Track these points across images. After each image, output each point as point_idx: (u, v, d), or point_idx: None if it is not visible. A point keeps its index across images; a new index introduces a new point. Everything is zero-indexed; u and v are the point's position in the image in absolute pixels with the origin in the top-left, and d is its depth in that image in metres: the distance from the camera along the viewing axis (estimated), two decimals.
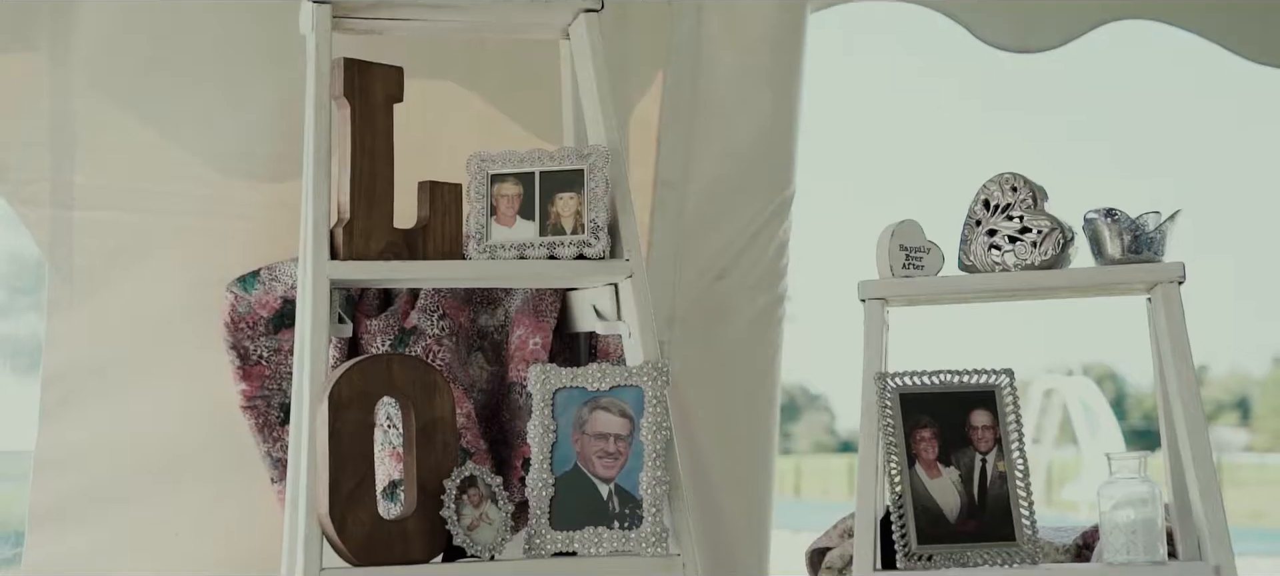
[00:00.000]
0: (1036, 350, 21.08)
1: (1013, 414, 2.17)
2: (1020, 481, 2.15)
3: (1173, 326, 2.09)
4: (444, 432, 2.09)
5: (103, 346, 2.32)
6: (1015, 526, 2.13)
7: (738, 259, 2.82)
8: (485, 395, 2.47)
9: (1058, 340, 23.97)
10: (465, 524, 2.07)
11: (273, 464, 2.37)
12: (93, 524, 2.31)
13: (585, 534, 2.10)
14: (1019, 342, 3.64)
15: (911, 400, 2.17)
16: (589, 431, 2.14)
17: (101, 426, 2.33)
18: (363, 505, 2.02)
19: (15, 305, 2.56)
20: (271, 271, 2.37)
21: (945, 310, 2.35)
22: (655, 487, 2.11)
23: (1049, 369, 18.37)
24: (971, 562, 2.10)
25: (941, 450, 2.16)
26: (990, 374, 2.19)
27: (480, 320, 2.49)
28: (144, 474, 2.35)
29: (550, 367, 2.17)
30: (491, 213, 2.22)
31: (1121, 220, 2.11)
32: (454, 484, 2.07)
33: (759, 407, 2.90)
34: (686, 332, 2.75)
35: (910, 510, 2.12)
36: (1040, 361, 18.67)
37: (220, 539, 2.39)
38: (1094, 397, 15.55)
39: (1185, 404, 2.06)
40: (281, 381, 2.38)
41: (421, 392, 2.09)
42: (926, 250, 2.21)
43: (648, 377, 2.15)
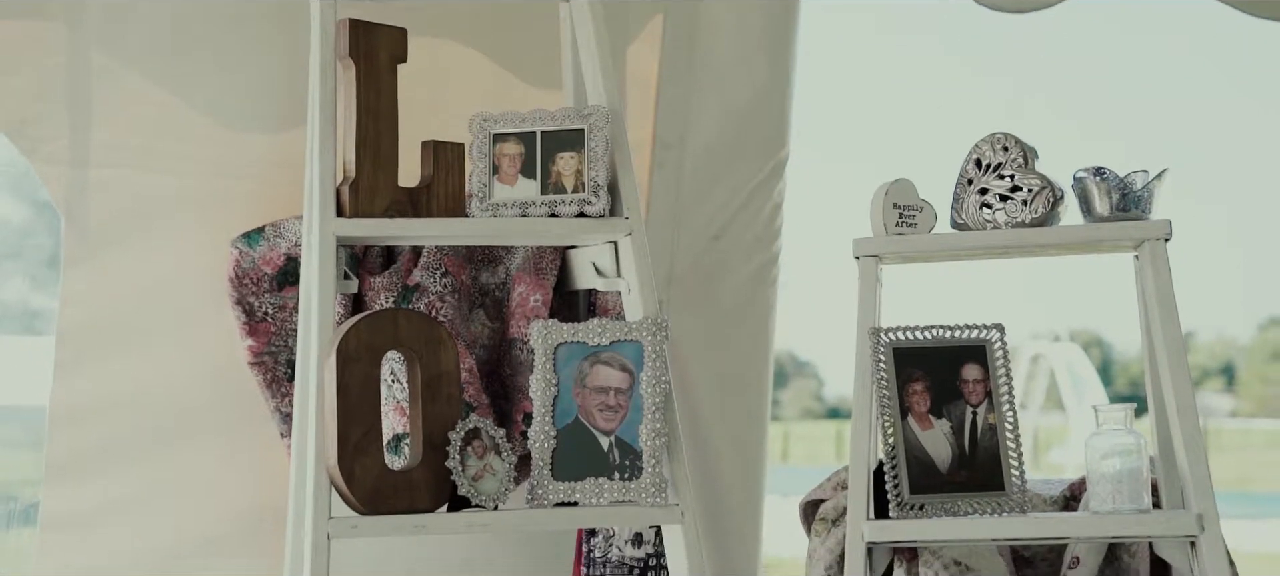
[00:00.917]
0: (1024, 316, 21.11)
1: (1003, 368, 2.22)
2: (1010, 433, 2.20)
3: (1159, 282, 2.14)
4: (449, 386, 2.14)
5: (117, 302, 2.36)
6: (1005, 476, 2.18)
7: (733, 219, 2.87)
8: (486, 351, 2.51)
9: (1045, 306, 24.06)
10: (470, 474, 2.12)
11: (281, 419, 2.41)
12: (107, 477, 2.35)
13: (586, 484, 2.15)
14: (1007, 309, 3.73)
15: (904, 354, 2.22)
16: (590, 385, 2.19)
17: (115, 381, 2.37)
18: (370, 455, 2.07)
19: (3, 271, 2.59)
20: (276, 228, 2.41)
21: (935, 275, 2.40)
22: (654, 439, 2.16)
23: (1036, 335, 18.47)
24: (962, 511, 2.16)
25: (933, 403, 2.21)
26: (981, 328, 2.24)
27: (481, 278, 2.54)
28: (157, 427, 2.39)
29: (552, 323, 2.21)
30: (494, 171, 2.26)
31: (1110, 178, 2.16)
32: (459, 435, 2.12)
33: (754, 365, 2.95)
34: (683, 292, 2.80)
35: (903, 460, 2.17)
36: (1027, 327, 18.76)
37: (231, 491, 2.43)
38: (1080, 363, 15.62)
39: (1170, 356, 2.11)
40: (287, 338, 2.42)
41: (427, 347, 2.14)
42: (919, 209, 2.26)
43: (647, 332, 2.20)
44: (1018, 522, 2.15)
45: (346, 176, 2.22)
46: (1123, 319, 32.94)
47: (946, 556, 2.31)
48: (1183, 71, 31.71)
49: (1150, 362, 2.25)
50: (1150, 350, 2.23)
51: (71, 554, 2.33)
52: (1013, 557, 2.41)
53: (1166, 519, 2.11)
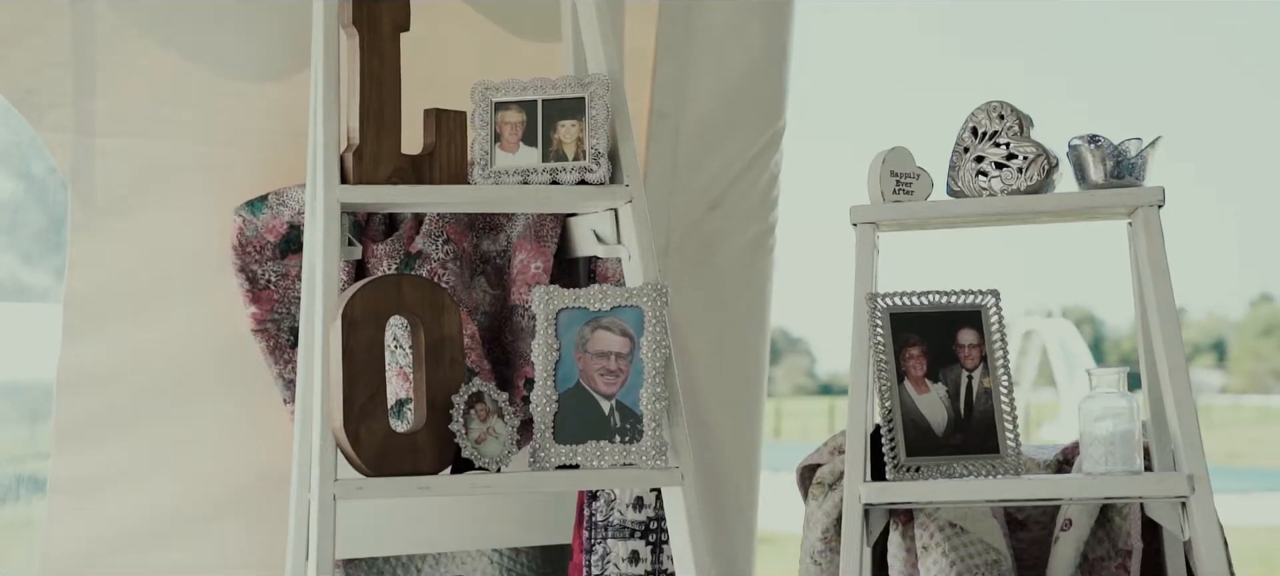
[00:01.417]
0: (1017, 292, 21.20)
1: (998, 333, 2.26)
2: (1005, 397, 2.23)
3: (1152, 248, 2.18)
4: (452, 350, 2.17)
5: (123, 270, 2.38)
6: (999, 440, 2.22)
7: (730, 189, 2.90)
8: (488, 318, 2.54)
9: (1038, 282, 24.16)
10: (473, 437, 2.15)
11: (284, 385, 2.44)
12: (114, 442, 2.37)
13: (588, 447, 2.19)
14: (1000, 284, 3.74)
15: (901, 319, 2.25)
16: (591, 350, 2.22)
17: (122, 348, 2.38)
18: (375, 419, 2.09)
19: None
20: (279, 196, 2.43)
21: (930, 249, 2.43)
22: (655, 403, 2.19)
23: (1029, 311, 18.52)
24: (957, 474, 2.19)
25: (929, 367, 2.24)
26: (977, 294, 2.27)
27: (483, 245, 2.56)
28: (162, 393, 2.41)
29: (553, 289, 2.24)
30: (495, 139, 2.29)
31: (1104, 146, 2.19)
32: (462, 399, 2.14)
33: (750, 334, 2.99)
34: (680, 261, 2.83)
35: (899, 424, 2.21)
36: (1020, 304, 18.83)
37: (235, 456, 2.46)
38: (1073, 339, 15.67)
39: (1163, 321, 2.15)
40: (290, 305, 2.44)
41: (430, 312, 2.16)
42: (916, 176, 2.29)
43: (647, 298, 2.23)
44: (1012, 484, 2.18)
45: (350, 144, 2.24)
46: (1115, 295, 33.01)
47: (942, 518, 2.35)
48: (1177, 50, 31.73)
49: (1143, 329, 2.28)
50: (1143, 316, 2.27)
51: (80, 518, 2.35)
52: (1006, 520, 2.45)
53: (1158, 480, 2.15)
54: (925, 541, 2.34)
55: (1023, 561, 2.44)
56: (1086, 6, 24.80)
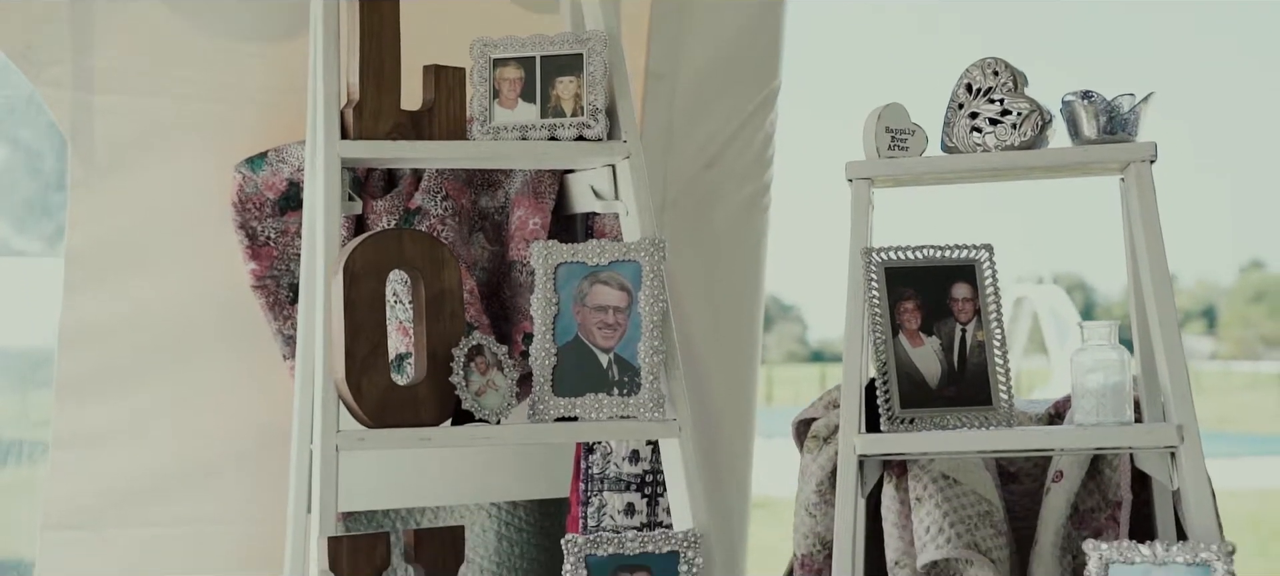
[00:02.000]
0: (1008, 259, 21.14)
1: (992, 287, 2.28)
2: (998, 350, 2.26)
3: (1144, 203, 2.20)
4: (452, 304, 2.19)
5: (123, 225, 2.39)
6: (992, 392, 2.25)
7: (725, 148, 2.91)
8: (486, 273, 2.56)
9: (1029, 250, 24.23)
10: (473, 390, 2.17)
11: (284, 341, 2.46)
12: (115, 396, 2.39)
13: (586, 400, 2.21)
14: None
15: (896, 273, 2.27)
16: (589, 304, 2.24)
17: (122, 303, 2.40)
18: (377, 371, 2.12)
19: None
20: (278, 153, 2.45)
21: (921, 216, 2.45)
22: (653, 356, 2.22)
23: (1020, 277, 18.57)
24: (951, 425, 2.22)
25: (924, 320, 2.27)
26: (971, 249, 2.29)
27: (481, 202, 2.58)
28: (162, 348, 2.43)
29: (552, 243, 2.26)
30: (494, 96, 2.30)
31: (1098, 102, 2.21)
32: (462, 352, 2.17)
33: (745, 292, 3.01)
34: (676, 219, 2.85)
35: (894, 376, 2.23)
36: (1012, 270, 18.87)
37: (235, 411, 2.48)
38: (1063, 306, 15.72)
39: (1154, 274, 2.17)
40: (289, 262, 2.46)
41: (430, 266, 2.18)
42: (911, 132, 2.31)
43: (645, 253, 2.25)
44: (1005, 435, 2.21)
45: (350, 99, 2.26)
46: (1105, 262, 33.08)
47: (935, 470, 2.38)
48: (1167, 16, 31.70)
49: (1134, 285, 2.31)
50: (1134, 272, 2.29)
51: (82, 472, 2.37)
52: (998, 472, 2.48)
53: (1148, 430, 2.18)
54: (919, 493, 2.38)
55: (1015, 513, 2.47)
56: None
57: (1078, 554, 2.38)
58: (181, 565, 2.44)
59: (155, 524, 2.43)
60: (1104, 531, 2.37)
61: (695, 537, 2.19)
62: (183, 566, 2.44)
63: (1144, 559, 2.04)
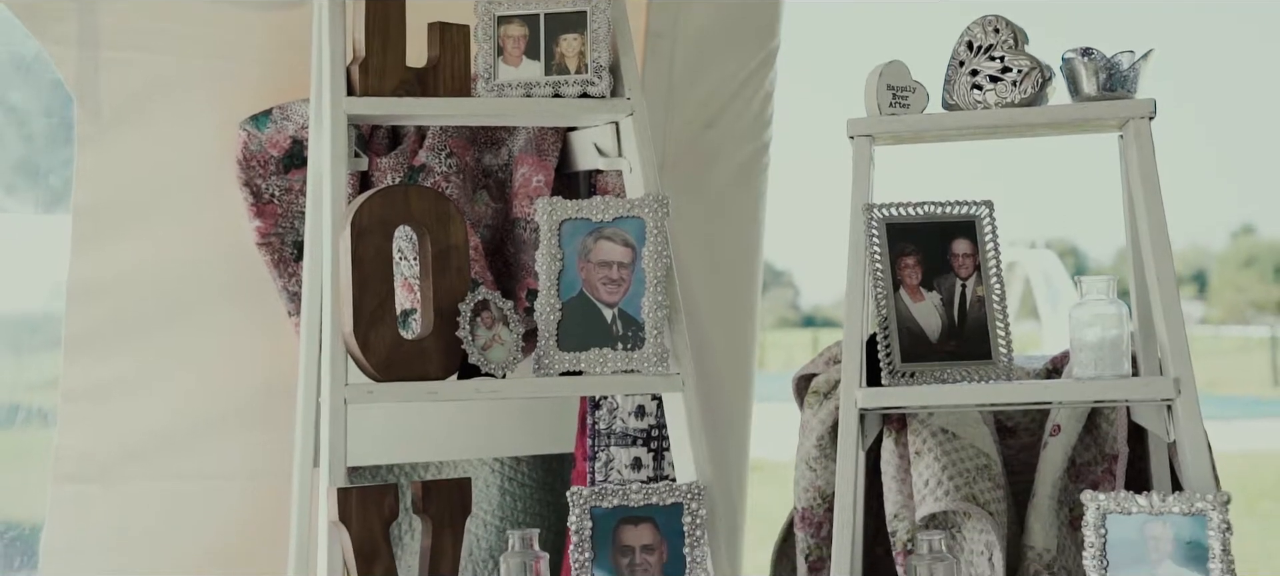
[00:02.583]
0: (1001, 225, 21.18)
1: (991, 242, 2.31)
2: (997, 305, 2.29)
3: (1143, 158, 2.22)
4: (458, 259, 2.21)
5: (129, 181, 2.41)
6: (992, 346, 2.28)
7: (725, 108, 2.93)
8: (490, 231, 2.58)
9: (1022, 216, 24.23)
10: (479, 344, 2.20)
11: (288, 298, 2.47)
12: (123, 351, 2.41)
13: (591, 354, 2.24)
14: None
15: (897, 229, 2.30)
16: (593, 259, 2.26)
17: (129, 258, 2.41)
18: (384, 325, 2.14)
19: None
20: (283, 111, 2.46)
21: (918, 177, 2.46)
22: (656, 311, 2.24)
23: (1012, 242, 18.59)
24: (951, 379, 2.25)
25: (924, 276, 2.29)
26: (971, 205, 2.32)
27: (485, 159, 2.60)
28: (169, 304, 2.45)
29: (557, 200, 2.28)
30: (499, 53, 2.32)
31: (1097, 58, 2.23)
32: (468, 306, 2.19)
33: (744, 250, 3.04)
34: (675, 179, 2.87)
35: (895, 331, 2.26)
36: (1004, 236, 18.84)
37: (240, 366, 2.50)
38: (1056, 270, 15.75)
39: (1152, 230, 2.20)
40: (293, 220, 2.48)
41: (436, 221, 2.20)
42: (912, 89, 2.33)
43: (649, 209, 2.27)
44: (1004, 389, 2.24)
45: (356, 56, 2.27)
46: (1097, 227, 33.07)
47: (934, 424, 2.41)
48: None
49: (1131, 240, 2.33)
50: (1132, 227, 2.32)
51: (90, 425, 2.39)
52: (996, 427, 2.52)
53: (1145, 383, 2.21)
54: (918, 446, 2.41)
55: (1012, 467, 2.50)
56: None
57: (1074, 506, 2.41)
58: (190, 518, 2.47)
59: (164, 477, 2.45)
60: (1100, 484, 2.40)
61: (698, 490, 2.22)
62: (191, 519, 2.47)
63: (1140, 509, 2.08)
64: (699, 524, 2.20)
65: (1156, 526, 2.06)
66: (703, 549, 2.20)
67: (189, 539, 2.46)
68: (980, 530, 2.38)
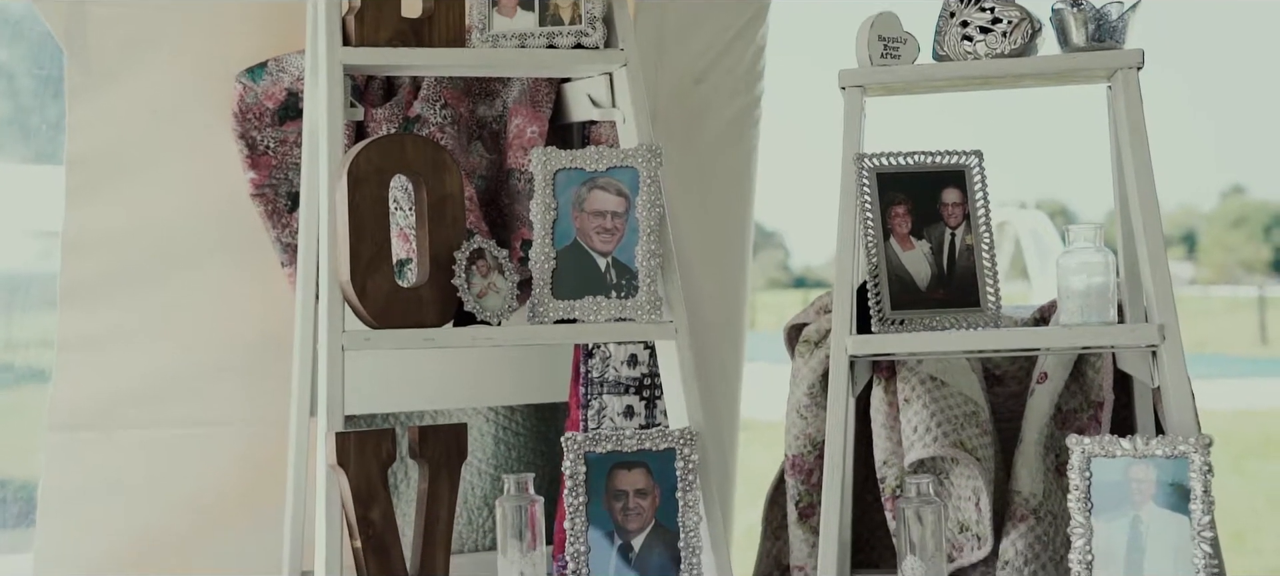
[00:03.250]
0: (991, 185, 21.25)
1: (981, 192, 2.33)
2: (986, 254, 2.32)
3: (1131, 109, 2.25)
4: (453, 208, 2.23)
5: (122, 133, 2.42)
6: (980, 294, 2.31)
7: (716, 62, 2.94)
8: (485, 182, 2.60)
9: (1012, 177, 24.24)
10: (475, 292, 2.22)
11: (282, 249, 2.49)
12: (119, 300, 2.43)
13: (585, 303, 2.26)
14: None
15: (887, 179, 2.32)
16: (587, 209, 2.29)
17: (123, 209, 2.43)
18: (381, 272, 2.16)
19: None
20: (278, 63, 2.47)
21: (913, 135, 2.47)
22: (650, 260, 2.27)
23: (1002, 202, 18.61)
24: (940, 326, 2.28)
25: (914, 225, 2.32)
26: (961, 155, 2.34)
27: (479, 110, 2.61)
28: (164, 254, 2.47)
29: (551, 150, 2.30)
30: (493, 4, 2.33)
31: (1086, 9, 2.25)
32: (464, 255, 2.21)
33: (736, 205, 3.06)
34: (667, 133, 2.88)
35: (885, 279, 2.29)
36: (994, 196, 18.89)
37: (236, 317, 2.52)
38: (1046, 230, 15.77)
39: (1138, 179, 2.23)
40: (288, 172, 2.50)
41: (432, 170, 2.22)
42: (903, 40, 2.35)
43: (642, 159, 2.29)
44: (992, 335, 2.27)
45: (351, 7, 2.28)
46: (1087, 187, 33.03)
47: (923, 372, 2.44)
48: None
49: (1119, 191, 2.36)
50: (1119, 177, 2.35)
51: (87, 374, 2.42)
52: (985, 375, 2.55)
53: (1130, 329, 2.24)
54: (907, 394, 2.44)
55: (1000, 415, 2.54)
56: None
57: (1060, 452, 2.45)
58: (186, 465, 2.50)
59: (159, 425, 2.48)
60: (1087, 431, 2.44)
61: (691, 435, 2.25)
62: (188, 466, 2.50)
63: (1124, 452, 2.11)
64: (691, 469, 2.24)
65: (1140, 469, 2.10)
66: (695, 493, 2.24)
67: (186, 486, 2.49)
68: (968, 476, 2.42)
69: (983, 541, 2.40)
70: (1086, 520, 2.11)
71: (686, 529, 2.23)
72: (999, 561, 2.38)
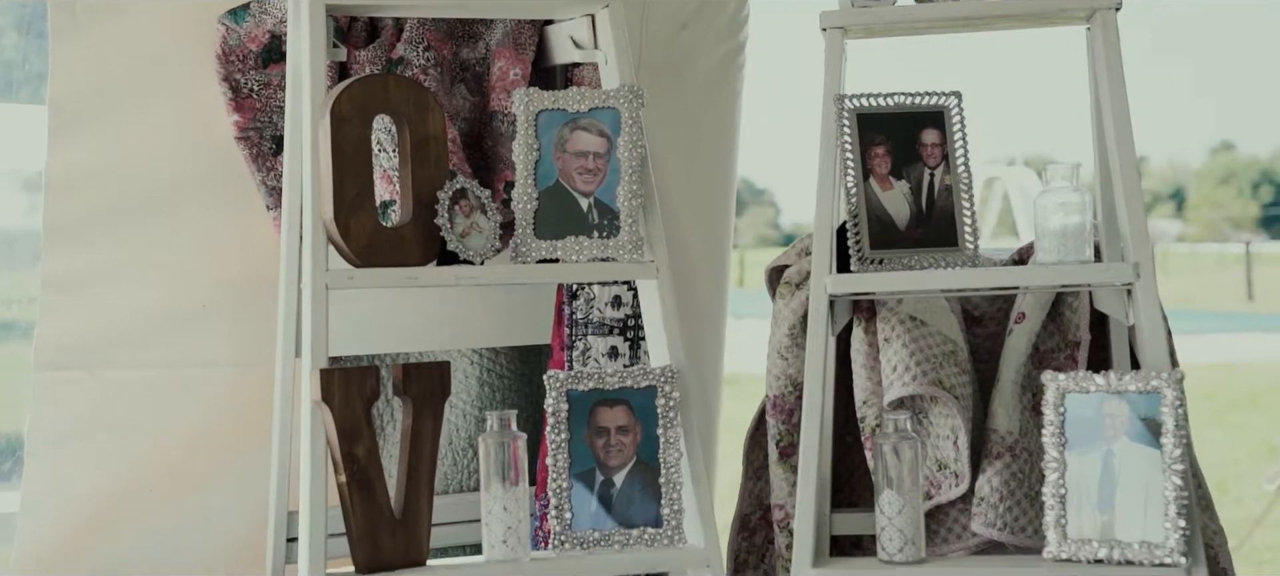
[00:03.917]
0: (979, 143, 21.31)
1: (960, 133, 2.35)
2: (964, 194, 2.34)
3: (1109, 49, 2.27)
4: (436, 148, 2.25)
5: (104, 73, 2.42)
6: (958, 233, 2.33)
7: (700, 9, 2.95)
8: (468, 124, 2.61)
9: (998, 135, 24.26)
10: (458, 231, 2.24)
11: (267, 192, 2.50)
12: (101, 241, 2.44)
13: (567, 242, 2.28)
14: None
15: (867, 120, 2.34)
16: (570, 150, 2.30)
17: (106, 150, 2.43)
18: (365, 211, 2.18)
19: None
20: (261, 5, 2.47)
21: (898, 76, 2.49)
22: (631, 200, 2.29)
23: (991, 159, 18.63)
24: (919, 265, 2.31)
25: (894, 165, 2.34)
26: (940, 95, 2.36)
27: (462, 53, 2.62)
28: (148, 196, 2.47)
29: (533, 91, 2.31)
30: None
31: None
32: (447, 195, 2.23)
33: (720, 151, 3.07)
34: (651, 80, 2.89)
35: (864, 219, 2.31)
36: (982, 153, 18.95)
37: (220, 258, 2.53)
38: (1034, 186, 15.80)
39: (1115, 119, 2.25)
40: (272, 114, 2.50)
41: (415, 110, 2.24)
42: None
43: (624, 99, 2.31)
44: (970, 274, 2.30)
45: None
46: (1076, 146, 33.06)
47: (902, 311, 2.47)
48: None
49: (1097, 132, 2.38)
50: (1097, 119, 2.37)
51: (72, 314, 2.43)
52: (963, 316, 2.57)
53: (1106, 268, 2.27)
54: (887, 333, 2.46)
55: (979, 355, 2.57)
56: None
57: (1037, 391, 2.48)
58: (172, 407, 2.51)
59: (146, 366, 2.49)
60: (1063, 370, 2.46)
61: (672, 373, 2.28)
62: (173, 408, 2.52)
63: (1098, 387, 2.14)
64: (672, 405, 2.27)
65: (1113, 403, 2.13)
66: (676, 430, 2.27)
67: (172, 426, 2.51)
68: (946, 414, 2.45)
69: (960, 479, 2.43)
70: (1060, 454, 2.14)
71: (667, 465, 2.25)
72: (975, 497, 2.42)
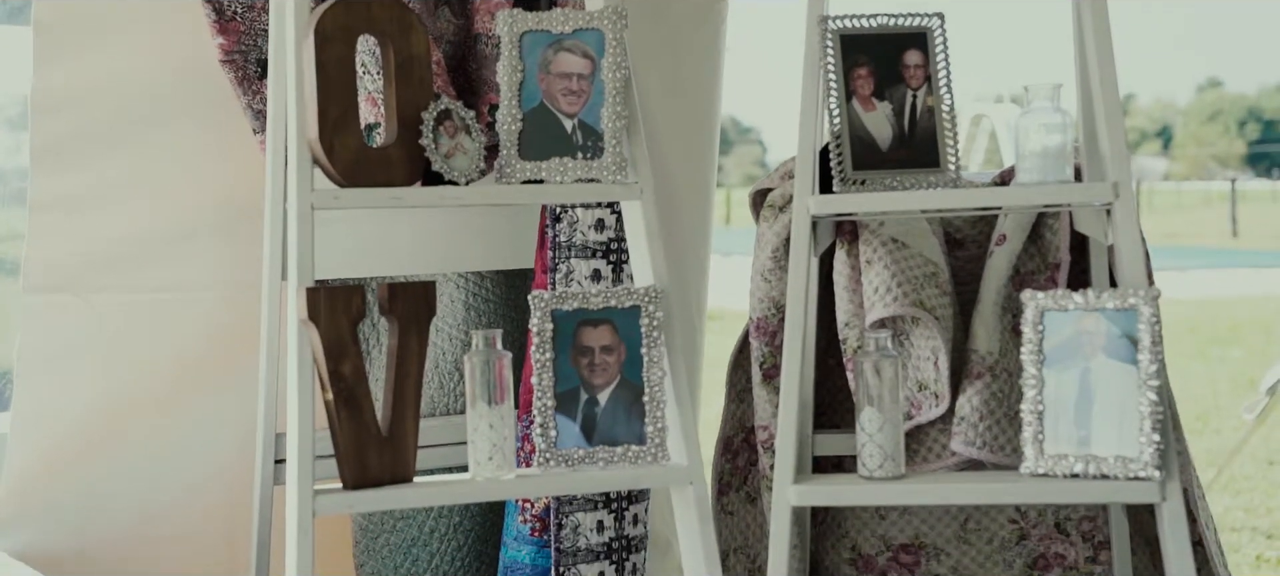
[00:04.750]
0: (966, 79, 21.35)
1: (942, 54, 2.36)
2: (946, 115, 2.36)
3: None
4: (420, 69, 2.25)
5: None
6: (940, 155, 2.35)
7: None
8: (452, 47, 2.61)
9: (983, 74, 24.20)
10: (443, 152, 2.25)
11: (253, 115, 2.50)
12: (89, 162, 2.45)
13: (551, 164, 2.29)
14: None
15: (850, 41, 2.35)
16: (553, 71, 2.31)
17: (91, 73, 2.44)
18: (349, 132, 2.18)
19: None
20: None
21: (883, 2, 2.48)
22: (615, 121, 2.29)
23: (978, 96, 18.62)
24: (900, 186, 2.33)
25: (876, 86, 2.35)
26: (923, 16, 2.37)
27: None
28: (135, 120, 2.48)
29: (517, 12, 2.31)
30: None
31: None
32: (431, 115, 2.24)
33: (704, 77, 3.08)
34: (635, 9, 2.89)
35: (847, 140, 2.33)
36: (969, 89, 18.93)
37: (207, 180, 2.54)
38: None
39: (1096, 37, 2.26)
40: (257, 37, 2.50)
41: (398, 30, 2.23)
42: None
43: (608, 20, 2.31)
44: (951, 195, 2.32)
45: None
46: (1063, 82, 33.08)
47: (884, 233, 2.49)
48: None
49: (1079, 54, 2.39)
50: (1079, 39, 2.37)
51: (60, 235, 2.44)
52: (945, 239, 2.60)
53: (1085, 188, 2.29)
54: (868, 255, 2.49)
55: (960, 278, 2.59)
56: None
57: (1017, 313, 2.50)
58: (161, 329, 2.53)
59: (134, 289, 2.51)
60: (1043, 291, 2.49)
61: (656, 293, 2.30)
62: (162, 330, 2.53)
63: (1076, 305, 2.17)
64: (656, 325, 2.29)
65: (1090, 321, 2.16)
66: (660, 349, 2.29)
67: (161, 349, 2.53)
68: (927, 336, 2.48)
69: (940, 399, 2.47)
70: (1038, 371, 2.17)
71: (651, 383, 2.28)
72: (955, 417, 2.45)
